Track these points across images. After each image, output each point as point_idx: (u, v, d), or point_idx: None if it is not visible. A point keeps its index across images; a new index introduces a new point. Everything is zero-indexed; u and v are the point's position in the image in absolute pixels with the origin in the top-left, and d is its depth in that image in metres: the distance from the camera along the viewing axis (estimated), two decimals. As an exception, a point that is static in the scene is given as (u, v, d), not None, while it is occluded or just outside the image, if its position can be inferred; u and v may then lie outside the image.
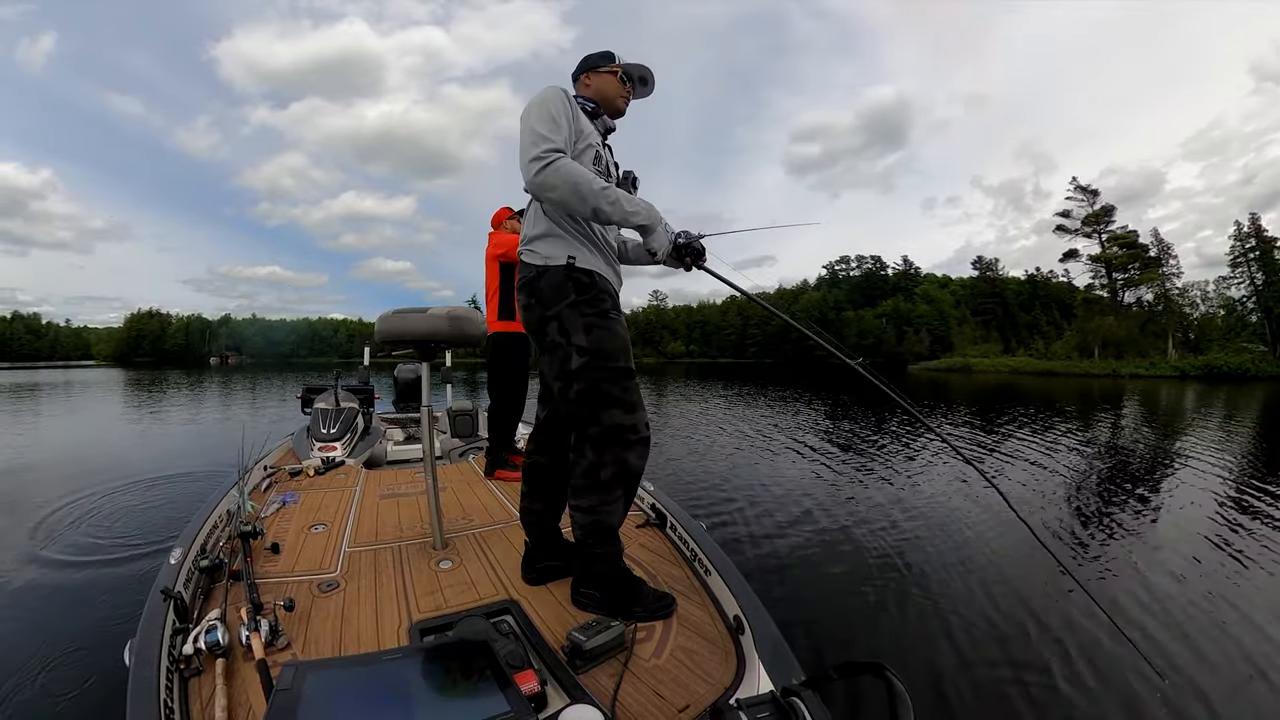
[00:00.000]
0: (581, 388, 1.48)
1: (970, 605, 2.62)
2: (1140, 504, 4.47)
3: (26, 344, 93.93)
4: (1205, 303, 43.76)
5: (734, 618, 1.46)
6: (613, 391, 1.48)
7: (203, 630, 1.25)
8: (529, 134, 1.42)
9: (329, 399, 4.11)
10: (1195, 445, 7.17)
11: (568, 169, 1.38)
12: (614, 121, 1.73)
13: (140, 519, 3.82)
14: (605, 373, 1.48)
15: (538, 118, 1.43)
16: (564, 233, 1.54)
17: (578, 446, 1.54)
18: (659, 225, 1.51)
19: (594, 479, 1.50)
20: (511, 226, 3.38)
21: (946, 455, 6.36)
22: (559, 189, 1.38)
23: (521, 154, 1.42)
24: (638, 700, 1.17)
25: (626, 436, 1.49)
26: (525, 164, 1.40)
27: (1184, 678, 2.05)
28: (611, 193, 1.41)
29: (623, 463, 1.49)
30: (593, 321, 1.49)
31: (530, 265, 1.55)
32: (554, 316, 1.50)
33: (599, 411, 1.48)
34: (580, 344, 1.47)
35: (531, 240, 1.57)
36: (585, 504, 1.51)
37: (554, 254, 1.51)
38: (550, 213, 1.55)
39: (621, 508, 1.54)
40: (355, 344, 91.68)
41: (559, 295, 1.50)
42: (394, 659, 1.13)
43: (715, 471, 5.48)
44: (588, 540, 1.53)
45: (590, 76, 1.70)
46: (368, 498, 2.59)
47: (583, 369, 1.47)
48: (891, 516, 4.01)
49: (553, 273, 1.51)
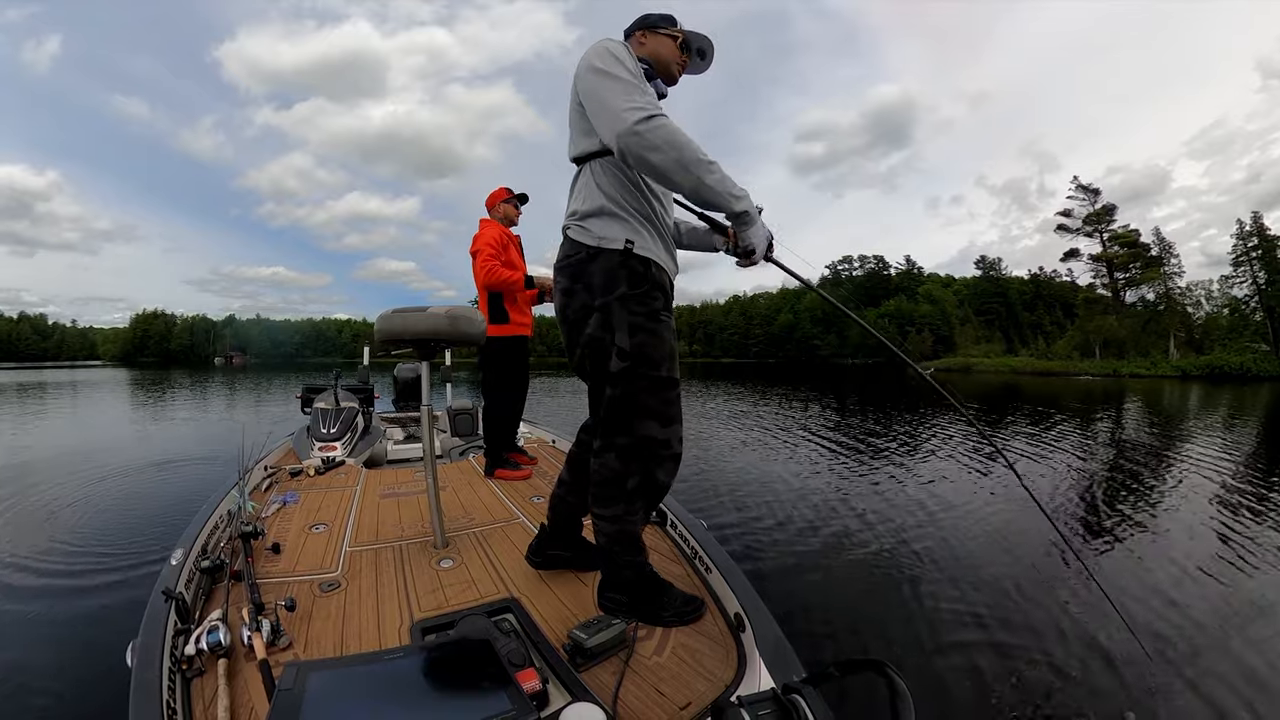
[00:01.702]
0: (617, 394, 1.37)
1: (972, 602, 2.62)
2: (1142, 499, 4.46)
3: (33, 344, 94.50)
4: (1210, 302, 43.64)
5: (735, 615, 1.46)
6: (650, 402, 1.36)
7: (204, 631, 1.25)
8: (618, 84, 1.23)
9: (329, 399, 4.11)
10: (1189, 446, 7.15)
11: (672, 129, 1.18)
12: (665, 89, 1.53)
13: (141, 520, 3.82)
14: (646, 381, 1.35)
15: (622, 66, 1.25)
16: (622, 211, 1.35)
17: (601, 453, 1.43)
18: (758, 220, 1.32)
19: (619, 489, 1.40)
20: (505, 211, 3.22)
21: (949, 453, 6.35)
22: (661, 151, 1.18)
23: (607, 104, 1.23)
24: (639, 698, 1.17)
25: (658, 451, 1.39)
26: (618, 114, 1.20)
27: (1188, 679, 2.04)
28: (717, 168, 1.22)
29: (650, 476, 1.40)
30: (640, 323, 1.34)
31: (580, 245, 1.38)
32: (600, 308, 1.35)
33: (632, 421, 1.37)
34: (622, 346, 1.33)
35: (584, 217, 1.39)
36: (610, 514, 1.43)
37: (610, 235, 1.34)
38: (606, 187, 1.36)
39: (644, 517, 1.48)
40: (359, 344, 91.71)
41: (610, 285, 1.33)
42: (396, 658, 1.13)
43: (716, 469, 5.48)
44: (614, 548, 1.46)
45: (646, 35, 1.52)
46: (368, 497, 2.59)
47: (622, 374, 1.34)
48: (894, 513, 4.01)
49: (606, 257, 1.33)
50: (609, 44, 1.33)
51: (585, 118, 1.35)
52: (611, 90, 1.24)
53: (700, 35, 1.55)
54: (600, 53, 1.30)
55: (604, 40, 1.35)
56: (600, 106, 1.26)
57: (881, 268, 78.48)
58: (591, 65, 1.29)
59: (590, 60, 1.30)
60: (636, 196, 1.39)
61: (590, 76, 1.28)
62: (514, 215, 3.27)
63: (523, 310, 3.19)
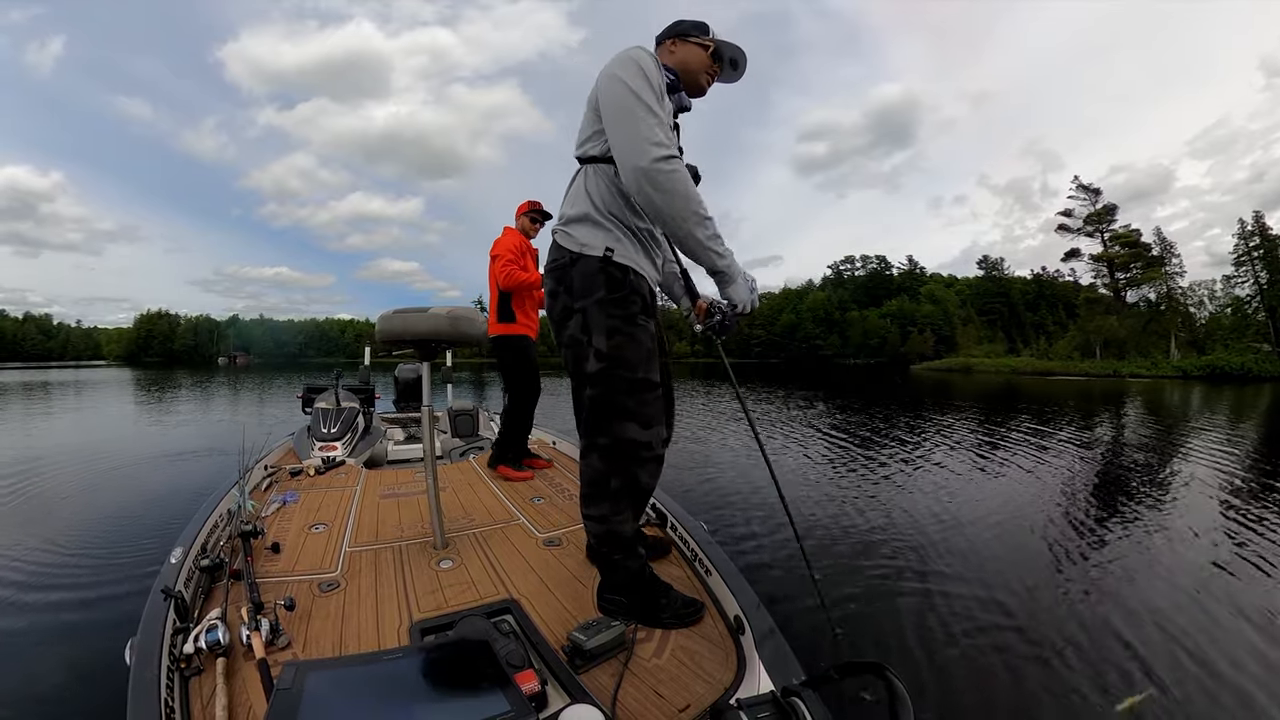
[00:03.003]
0: (595, 394, 1.40)
1: (973, 604, 2.60)
2: (1132, 502, 4.45)
3: (38, 344, 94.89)
4: (1213, 301, 43.42)
5: (734, 617, 1.46)
6: (627, 404, 1.38)
7: (203, 629, 1.25)
8: (645, 111, 1.25)
9: (329, 399, 4.12)
10: (1181, 446, 7.13)
11: (684, 177, 1.24)
12: (690, 100, 1.54)
13: (141, 518, 3.83)
14: (622, 383, 1.37)
15: (649, 88, 1.27)
16: (604, 220, 1.40)
17: (585, 454, 1.47)
18: (739, 276, 1.39)
19: (603, 489, 1.44)
20: (523, 224, 3.33)
21: (949, 455, 6.34)
22: (667, 194, 1.24)
23: (631, 131, 1.25)
24: (638, 700, 1.17)
25: (640, 453, 1.41)
26: (641, 146, 1.24)
27: (1178, 684, 2.03)
28: (711, 225, 1.30)
29: (632, 478, 1.43)
30: (617, 325, 1.37)
31: (564, 250, 1.43)
32: (579, 310, 1.40)
33: (611, 422, 1.40)
34: (600, 347, 1.36)
35: (569, 222, 1.44)
36: (597, 513, 1.47)
37: (591, 242, 1.39)
38: (595, 194, 1.40)
39: (632, 519, 1.50)
40: (362, 345, 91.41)
41: (589, 289, 1.38)
42: (394, 658, 1.13)
43: (717, 470, 5.46)
44: (603, 549, 1.50)
45: (676, 44, 1.53)
46: (368, 497, 2.59)
47: (599, 375, 1.38)
48: (894, 515, 4.00)
49: (586, 262, 1.39)
50: (640, 56, 1.33)
51: (597, 120, 1.37)
52: (639, 117, 1.26)
53: (733, 45, 1.55)
54: (630, 67, 1.30)
55: (635, 50, 1.35)
56: (623, 129, 1.28)
57: (884, 268, 78.43)
58: (619, 78, 1.29)
59: (619, 72, 1.30)
60: (622, 206, 1.42)
61: (618, 89, 1.29)
62: (530, 229, 3.37)
63: (528, 313, 3.29)
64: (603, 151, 1.37)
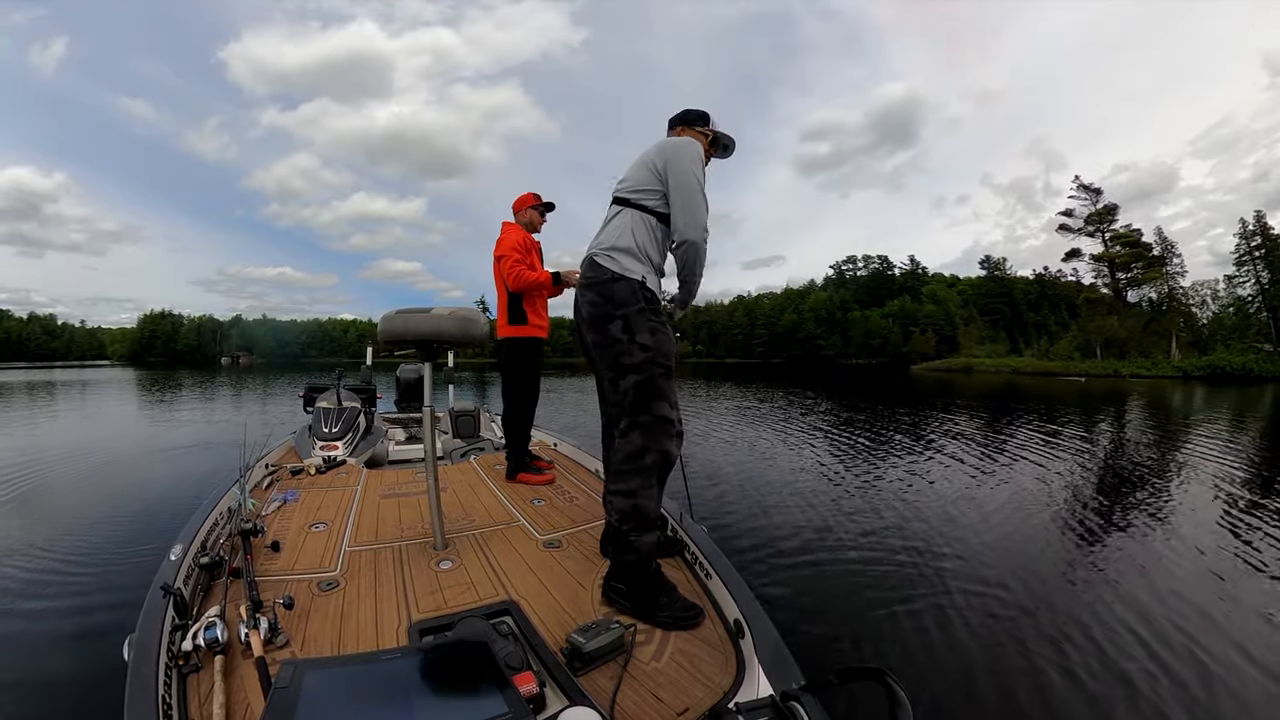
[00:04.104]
0: (639, 380, 1.65)
1: (974, 609, 2.59)
2: (1134, 502, 4.43)
3: (43, 344, 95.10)
4: (1215, 301, 43.20)
5: (734, 621, 1.45)
6: (664, 387, 1.66)
7: (202, 627, 1.25)
8: (702, 199, 1.71)
9: (331, 398, 4.12)
10: (1181, 446, 7.10)
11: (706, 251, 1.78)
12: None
13: (141, 515, 3.84)
14: (661, 369, 1.66)
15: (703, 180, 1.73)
16: (640, 256, 1.76)
17: (626, 432, 1.67)
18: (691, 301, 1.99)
19: (639, 463, 1.63)
20: (530, 217, 3.21)
21: (950, 457, 6.32)
22: (701, 261, 1.79)
23: (695, 212, 1.70)
24: (636, 703, 1.16)
25: (670, 428, 1.65)
26: (700, 225, 1.70)
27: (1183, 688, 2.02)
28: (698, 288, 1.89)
29: (665, 452, 1.64)
30: (656, 326, 1.70)
31: (606, 269, 1.74)
32: (621, 316, 1.69)
33: (651, 402, 1.64)
34: (645, 343, 1.66)
35: (614, 250, 1.76)
36: (627, 488, 1.63)
37: (632, 269, 1.73)
38: (638, 236, 1.77)
39: (657, 495, 1.65)
40: (364, 344, 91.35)
41: (629, 300, 1.70)
42: (393, 659, 1.13)
43: (717, 472, 5.46)
44: (625, 525, 1.60)
45: (684, 130, 1.94)
46: (368, 497, 2.59)
47: (644, 364, 1.66)
48: (896, 519, 3.99)
49: (628, 282, 1.72)
50: (700, 151, 1.76)
51: (656, 180, 1.76)
52: (699, 201, 1.71)
53: (725, 134, 1.98)
54: (698, 160, 1.74)
55: (696, 145, 1.76)
56: (689, 208, 1.71)
57: (886, 268, 78.31)
58: (690, 169, 1.72)
59: (689, 163, 1.72)
60: (653, 252, 1.80)
61: (690, 177, 1.71)
62: (538, 222, 3.27)
63: (540, 313, 3.19)
64: (654, 206, 1.76)
